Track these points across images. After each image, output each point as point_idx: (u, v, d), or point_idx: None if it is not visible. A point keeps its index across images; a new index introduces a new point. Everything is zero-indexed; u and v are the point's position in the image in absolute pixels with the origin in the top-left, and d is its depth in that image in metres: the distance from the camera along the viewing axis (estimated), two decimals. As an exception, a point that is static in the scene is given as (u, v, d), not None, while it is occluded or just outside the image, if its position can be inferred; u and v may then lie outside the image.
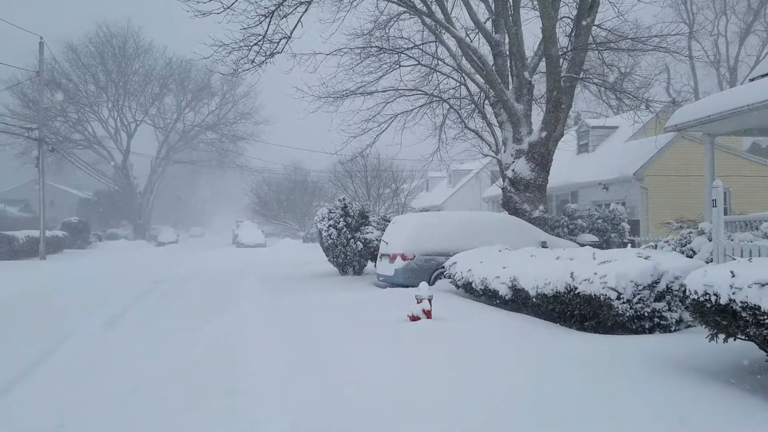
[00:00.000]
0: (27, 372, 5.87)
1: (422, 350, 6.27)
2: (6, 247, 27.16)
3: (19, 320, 9.49)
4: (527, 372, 5.26)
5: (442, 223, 13.39)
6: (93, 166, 48.43)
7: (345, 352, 6.37)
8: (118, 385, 5.38)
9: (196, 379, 5.50)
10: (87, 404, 4.84)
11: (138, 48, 51.74)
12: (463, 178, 41.55)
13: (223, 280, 16.49)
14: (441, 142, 20.01)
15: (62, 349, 6.97)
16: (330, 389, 4.95)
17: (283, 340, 7.15)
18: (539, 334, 6.87)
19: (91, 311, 10.06)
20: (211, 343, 7.20)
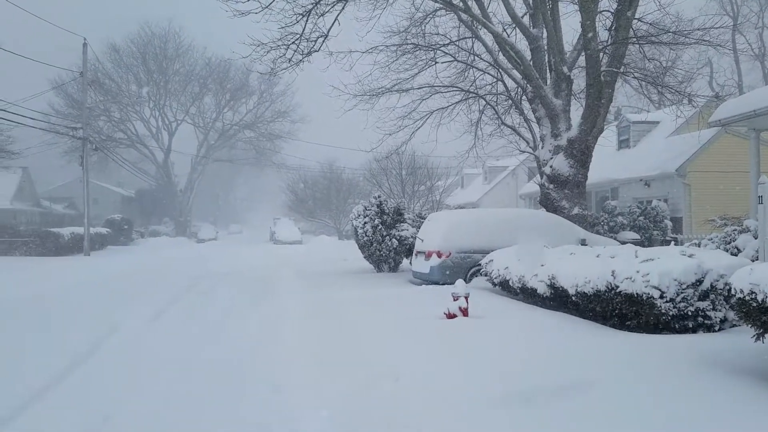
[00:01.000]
0: (77, 364, 6.06)
1: (459, 348, 6.25)
2: (52, 243, 28.10)
3: (68, 314, 9.81)
4: (570, 371, 5.19)
5: (478, 220, 13.31)
6: (135, 164, 49.67)
7: (382, 347, 6.40)
8: (162, 376, 5.52)
9: (237, 372, 5.61)
10: (133, 395, 4.99)
11: (178, 48, 52.80)
12: (499, 174, 41.15)
13: (262, 275, 16.74)
14: (477, 138, 19.86)
15: (110, 342, 7.19)
16: (367, 384, 4.99)
17: (321, 335, 7.23)
18: (580, 332, 6.78)
19: (136, 305, 10.34)
20: (252, 336, 7.34)
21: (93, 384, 5.30)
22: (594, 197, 25.50)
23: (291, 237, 44.24)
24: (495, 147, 22.05)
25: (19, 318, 9.34)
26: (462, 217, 13.79)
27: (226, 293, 12.34)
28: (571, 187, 14.84)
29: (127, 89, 51.99)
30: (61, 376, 5.57)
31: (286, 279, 15.41)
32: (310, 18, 14.33)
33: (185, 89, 53.74)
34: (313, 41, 14.88)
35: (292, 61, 15.05)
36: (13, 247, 27.95)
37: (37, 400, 4.89)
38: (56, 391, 5.14)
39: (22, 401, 4.79)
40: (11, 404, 4.74)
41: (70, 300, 11.58)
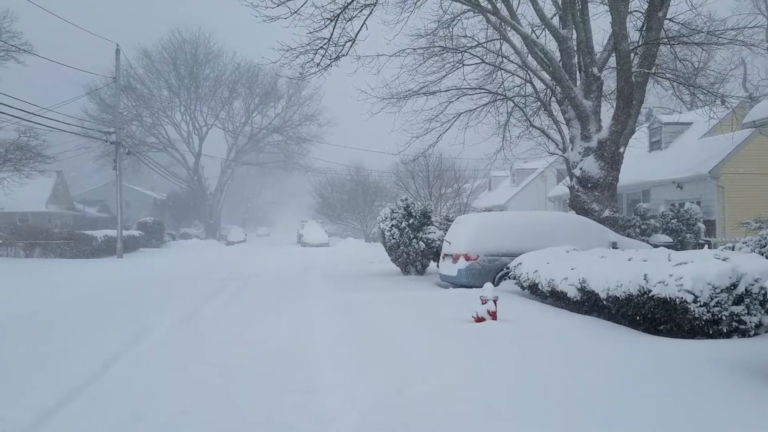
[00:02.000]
0: (111, 363, 6.19)
1: (488, 351, 6.22)
2: (86, 246, 28.74)
3: (102, 314, 10.03)
4: (602, 376, 5.14)
5: (506, 223, 13.22)
6: (167, 168, 50.57)
7: (410, 350, 6.42)
8: (194, 376, 5.60)
9: (268, 373, 5.66)
10: (165, 395, 5.06)
11: (209, 53, 53.61)
12: (528, 177, 40.83)
13: (290, 277, 16.88)
14: (505, 140, 19.74)
15: (143, 342, 7.33)
16: (396, 386, 5.01)
17: (349, 337, 7.26)
18: (611, 337, 6.70)
19: (168, 306, 10.52)
20: (281, 337, 7.41)
21: (122, 387, 5.40)
22: (625, 200, 25.15)
23: (318, 239, 44.52)
24: (523, 149, 21.92)
25: (57, 319, 9.57)
26: (490, 219, 13.72)
27: (256, 295, 12.47)
28: (601, 190, 14.66)
29: (159, 94, 53.00)
30: (95, 376, 5.68)
31: (313, 281, 15.52)
32: (338, 23, 14.43)
33: (215, 94, 54.57)
34: (341, 46, 14.98)
35: (320, 66, 15.17)
36: (48, 249, 28.65)
37: (70, 400, 5.00)
38: (91, 390, 5.25)
39: (54, 402, 4.91)
40: (45, 405, 4.86)
41: (106, 301, 11.84)
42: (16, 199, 35.46)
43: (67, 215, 47.68)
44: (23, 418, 4.48)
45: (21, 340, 7.60)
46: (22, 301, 11.85)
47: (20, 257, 28.14)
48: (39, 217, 41.46)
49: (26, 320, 9.31)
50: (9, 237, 29.68)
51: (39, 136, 30.22)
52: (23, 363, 6.32)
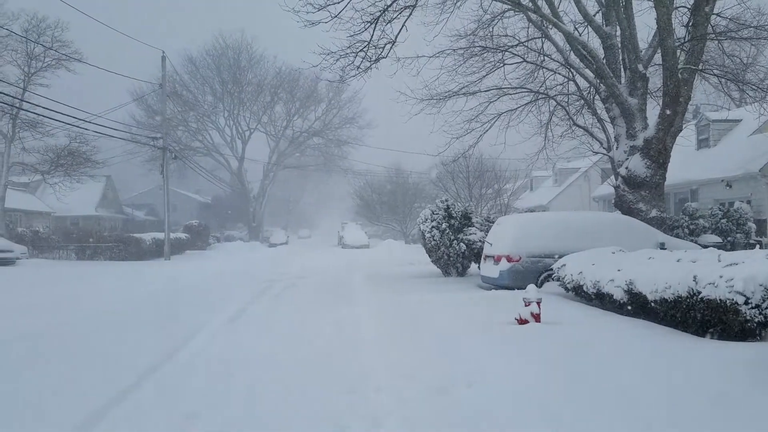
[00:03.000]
0: (163, 362, 6.38)
1: (532, 354, 6.17)
2: (135, 248, 29.62)
3: (154, 315, 10.34)
4: (651, 379, 5.05)
5: (549, 223, 13.05)
6: (211, 172, 51.66)
7: (454, 351, 6.41)
8: (244, 376, 5.72)
9: (315, 373, 5.75)
10: (216, 394, 5.19)
11: (251, 59, 54.51)
12: (571, 176, 40.17)
13: (332, 279, 17.04)
14: (547, 140, 19.48)
15: (194, 342, 7.53)
16: (442, 387, 5.02)
17: (394, 338, 7.30)
18: (659, 339, 6.56)
19: (216, 307, 10.76)
20: (327, 338, 7.50)
21: (175, 385, 5.53)
22: (672, 199, 24.52)
23: (358, 241, 44.75)
24: (566, 148, 21.56)
25: (113, 320, 9.90)
26: (532, 220, 13.57)
27: (300, 296, 12.64)
28: (648, 189, 14.33)
29: (204, 99, 54.17)
30: (147, 374, 5.87)
31: (355, 282, 15.62)
32: (378, 25, 14.50)
33: (257, 98, 55.42)
34: (381, 48, 15.04)
35: (360, 69, 15.27)
36: (98, 252, 29.62)
37: (124, 398, 5.16)
38: (144, 388, 5.42)
39: (107, 400, 5.08)
40: (99, 403, 5.03)
41: (158, 302, 12.20)
42: (68, 203, 36.84)
43: (117, 219, 49.19)
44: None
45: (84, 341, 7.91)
46: (87, 303, 12.30)
47: (72, 260, 29.18)
48: (89, 221, 42.89)
49: (79, 326, 9.66)
50: (61, 240, 30.81)
51: (89, 141, 31.35)
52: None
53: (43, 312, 10.76)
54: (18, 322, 9.51)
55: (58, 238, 31.05)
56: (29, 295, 13.63)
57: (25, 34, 28.20)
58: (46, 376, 5.93)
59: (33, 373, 6.10)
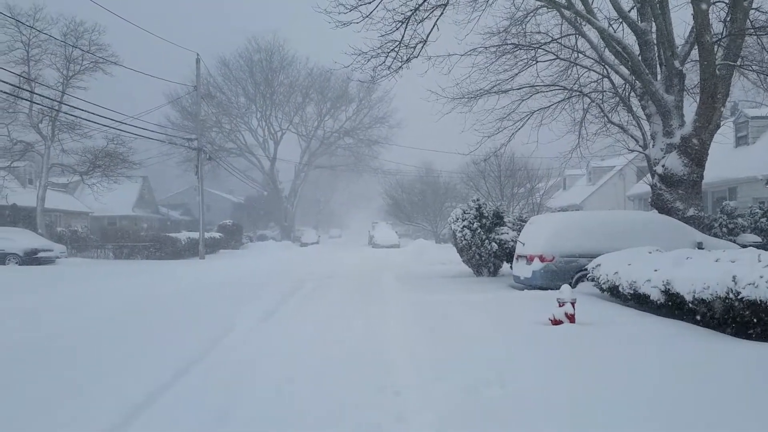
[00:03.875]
0: (196, 361, 6.47)
1: (566, 355, 6.09)
2: (171, 247, 30.19)
3: (187, 313, 10.50)
4: (689, 381, 4.94)
5: (583, 223, 12.87)
6: (244, 172, 52.33)
7: (486, 352, 6.36)
8: (275, 375, 5.77)
9: (345, 372, 5.76)
10: (248, 393, 5.23)
11: (283, 60, 55.07)
12: (605, 175, 39.55)
13: (363, 278, 17.09)
14: (581, 138, 19.17)
15: (226, 340, 7.62)
16: (474, 388, 4.99)
17: (424, 337, 7.28)
18: (697, 340, 6.41)
19: (248, 305, 10.88)
20: (358, 337, 7.51)
21: (206, 384, 5.60)
22: (710, 198, 23.95)
23: (389, 241, 44.79)
24: (600, 146, 21.18)
25: (146, 316, 10.11)
26: (566, 219, 13.39)
27: (331, 295, 12.71)
28: (685, 188, 14.02)
29: (237, 101, 54.93)
30: (179, 374, 5.92)
31: (386, 282, 15.63)
32: (410, 25, 14.49)
33: (289, 100, 56.00)
34: (412, 47, 15.02)
35: (391, 68, 15.27)
36: (135, 251, 30.27)
37: (158, 396, 5.26)
38: (175, 388, 5.48)
39: (142, 398, 5.18)
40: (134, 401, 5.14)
41: (192, 300, 12.40)
42: (106, 204, 37.72)
43: (153, 218, 50.19)
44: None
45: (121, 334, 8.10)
46: (129, 296, 12.60)
47: (109, 259, 29.89)
48: (126, 221, 43.86)
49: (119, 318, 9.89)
50: (99, 239, 31.58)
51: (126, 143, 32.04)
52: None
53: (89, 306, 11.14)
54: (69, 315, 9.89)
55: (96, 238, 31.84)
56: (74, 291, 14.02)
57: (63, 38, 28.96)
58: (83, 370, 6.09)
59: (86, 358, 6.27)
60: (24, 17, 28.01)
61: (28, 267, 22.61)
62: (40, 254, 24.54)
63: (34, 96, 27.80)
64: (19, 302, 12.09)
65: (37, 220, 30.24)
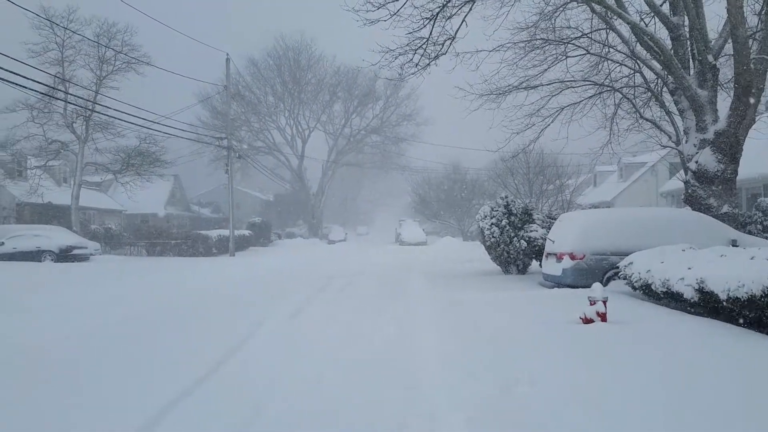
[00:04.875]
0: (227, 357, 6.57)
1: (598, 354, 6.03)
2: (201, 245, 30.63)
3: (218, 309, 10.68)
4: (725, 381, 4.85)
5: (614, 220, 12.70)
6: (273, 170, 52.82)
7: (516, 350, 6.34)
8: (305, 372, 5.83)
9: (375, 370, 5.80)
10: (279, 389, 5.30)
11: (310, 59, 55.41)
12: (636, 171, 38.88)
13: (390, 275, 17.12)
14: (612, 134, 18.88)
15: (256, 337, 7.73)
16: (504, 387, 4.98)
17: (453, 335, 7.28)
18: (732, 340, 6.29)
19: (277, 302, 11.02)
20: (387, 335, 7.54)
21: (238, 380, 5.68)
22: (744, 194, 23.39)
23: (416, 238, 44.72)
24: (632, 142, 20.82)
25: (179, 313, 10.30)
26: (597, 216, 13.23)
27: (360, 292, 12.77)
28: (719, 184, 13.72)
29: (265, 100, 55.45)
30: (211, 372, 6.01)
31: (413, 280, 15.64)
32: (437, 21, 14.43)
33: (317, 98, 56.34)
34: (440, 44, 14.97)
35: (418, 66, 15.23)
36: (167, 248, 30.78)
37: (188, 395, 5.36)
38: (208, 386, 5.58)
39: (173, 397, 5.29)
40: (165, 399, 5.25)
41: (224, 296, 12.60)
42: (138, 202, 38.45)
43: (184, 216, 50.99)
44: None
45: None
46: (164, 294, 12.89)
47: (142, 256, 30.45)
48: (158, 219, 44.62)
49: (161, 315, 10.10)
50: (132, 237, 32.21)
51: (157, 142, 32.61)
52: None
53: (131, 301, 11.64)
54: (113, 310, 10.36)
55: (129, 235, 32.48)
56: (118, 287, 14.49)
57: (96, 39, 29.56)
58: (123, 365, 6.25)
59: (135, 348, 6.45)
60: (58, 19, 28.69)
61: (63, 264, 23.17)
62: (75, 251, 25.12)
63: (69, 96, 28.45)
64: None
65: (72, 218, 30.97)
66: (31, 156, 32.35)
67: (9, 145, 30.52)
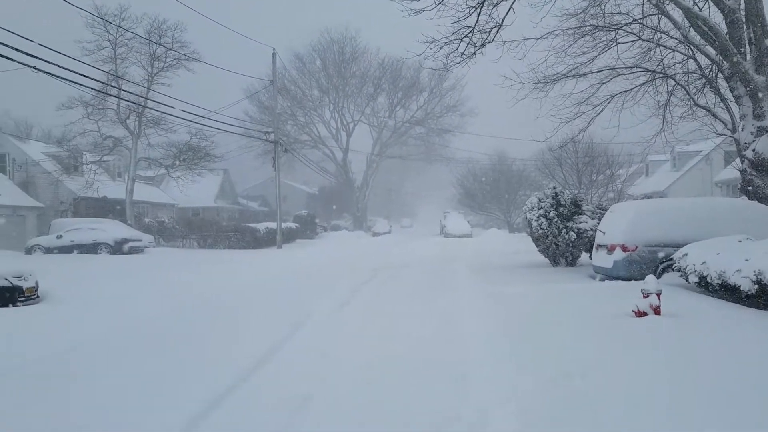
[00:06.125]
0: (278, 347, 6.70)
1: (651, 347, 5.90)
2: (250, 237, 31.23)
3: (268, 300, 10.89)
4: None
5: (668, 210, 12.35)
6: (318, 163, 53.30)
7: (566, 344, 6.26)
8: (354, 361, 5.90)
9: (423, 361, 5.81)
10: (329, 377, 5.39)
11: (355, 52, 55.54)
12: (690, 160, 37.62)
13: (436, 268, 17.09)
14: (665, 121, 18.29)
15: (305, 327, 7.86)
16: (554, 379, 4.93)
17: (501, 328, 7.23)
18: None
19: (324, 293, 11.16)
20: (435, 327, 7.55)
21: (289, 368, 5.79)
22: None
23: (461, 230, 44.44)
24: (686, 131, 20.11)
25: (233, 303, 10.57)
26: (650, 207, 12.89)
27: (405, 285, 12.80)
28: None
29: (310, 94, 55.93)
30: (261, 362, 6.13)
31: (459, 272, 15.58)
32: (484, 9, 14.24)
33: (361, 91, 56.48)
34: (487, 32, 14.77)
35: (464, 55, 15.07)
36: (218, 240, 31.50)
37: (246, 380, 5.49)
38: (258, 375, 5.71)
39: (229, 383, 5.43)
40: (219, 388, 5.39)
41: (273, 287, 12.87)
42: (190, 195, 39.43)
43: (233, 209, 52.04)
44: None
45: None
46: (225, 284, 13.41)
47: (194, 248, 31.25)
48: (209, 212, 45.66)
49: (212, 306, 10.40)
50: (184, 230, 33.08)
51: (207, 137, 33.31)
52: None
53: (199, 288, 12.41)
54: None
55: (181, 228, 33.35)
56: (185, 276, 15.24)
57: (147, 37, 30.33)
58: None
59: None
60: (111, 17, 29.54)
61: (121, 256, 23.98)
62: (130, 244, 25.97)
63: (122, 93, 29.32)
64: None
65: (126, 212, 31.99)
66: (86, 152, 33.51)
67: (66, 142, 31.71)
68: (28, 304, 10.47)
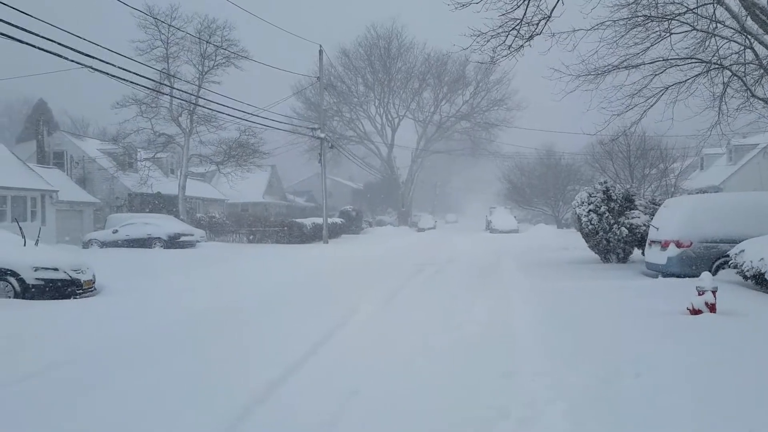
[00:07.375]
0: (325, 341, 6.77)
1: (707, 346, 5.72)
2: (297, 232, 31.67)
3: (316, 296, 11.04)
4: None
5: (725, 206, 11.96)
6: (363, 159, 53.60)
7: (617, 341, 6.15)
8: (400, 356, 5.93)
9: (470, 356, 5.81)
10: (376, 373, 5.41)
11: (401, 47, 55.47)
12: (747, 154, 36.22)
13: (482, 264, 16.98)
14: (721, 114, 17.63)
15: (351, 322, 7.94)
16: (606, 378, 4.85)
17: (550, 325, 7.15)
18: None
19: (370, 289, 11.24)
20: (481, 322, 7.52)
21: (336, 363, 5.84)
22: None
23: (507, 226, 43.93)
24: (743, 123, 19.37)
25: (285, 297, 10.78)
26: (705, 202, 12.50)
27: (452, 280, 12.78)
28: None
29: (356, 90, 56.19)
30: (310, 354, 6.21)
31: (506, 268, 15.44)
32: (532, 1, 14.03)
33: (406, 86, 56.37)
34: (535, 24, 14.51)
35: (512, 48, 14.85)
36: (266, 235, 32.05)
37: (298, 370, 5.60)
38: (307, 368, 5.78)
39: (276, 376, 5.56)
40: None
41: (322, 281, 13.08)
42: (239, 191, 40.27)
43: (280, 205, 52.87)
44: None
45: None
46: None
47: (243, 242, 31.91)
48: (257, 207, 46.53)
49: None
50: (233, 225, 33.80)
51: (256, 134, 33.89)
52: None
53: (256, 280, 13.07)
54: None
55: (231, 223, 34.08)
56: (243, 268, 16.01)
57: (198, 35, 31.01)
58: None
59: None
60: (162, 17, 30.36)
61: (174, 250, 24.68)
62: (183, 238, 26.65)
63: (174, 91, 30.07)
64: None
65: (179, 207, 32.90)
66: (140, 149, 34.57)
67: (120, 139, 32.76)
68: (86, 297, 10.91)
